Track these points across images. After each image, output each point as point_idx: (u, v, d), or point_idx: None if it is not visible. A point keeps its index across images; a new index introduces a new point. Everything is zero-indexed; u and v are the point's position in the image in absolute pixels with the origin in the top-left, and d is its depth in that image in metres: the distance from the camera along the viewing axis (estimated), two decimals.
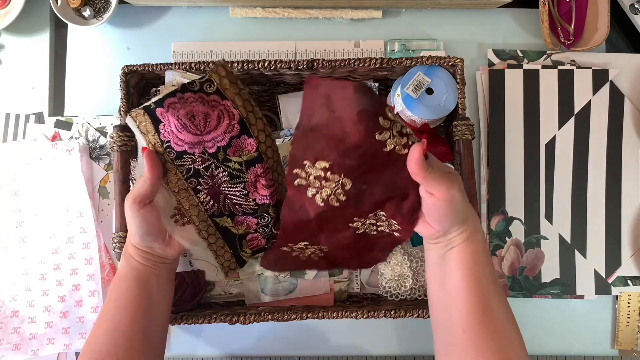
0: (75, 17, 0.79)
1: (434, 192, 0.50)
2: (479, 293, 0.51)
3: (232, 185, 0.58)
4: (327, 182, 0.52)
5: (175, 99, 0.53)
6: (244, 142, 0.56)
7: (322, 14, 0.80)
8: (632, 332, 0.77)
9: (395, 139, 0.50)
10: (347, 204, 0.54)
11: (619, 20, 0.83)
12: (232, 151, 0.56)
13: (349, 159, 0.50)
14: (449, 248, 0.53)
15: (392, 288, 0.72)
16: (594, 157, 0.78)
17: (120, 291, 0.58)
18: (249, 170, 0.58)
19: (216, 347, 0.77)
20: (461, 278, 0.52)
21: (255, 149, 0.57)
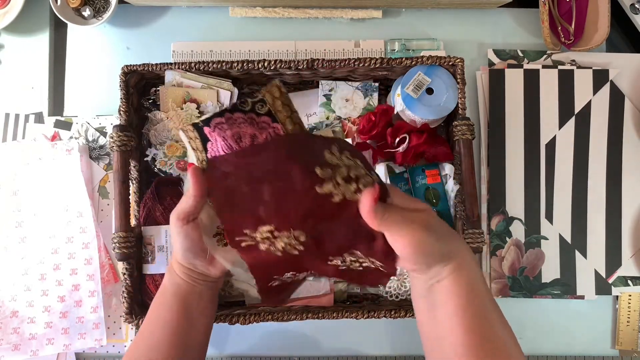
0: (75, 17, 0.79)
1: (397, 240, 0.44)
2: (478, 325, 0.45)
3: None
4: (276, 238, 0.47)
5: (223, 119, 0.50)
6: None
7: (322, 13, 0.80)
8: (633, 332, 0.77)
9: (341, 187, 0.45)
10: (309, 251, 0.48)
11: (619, 20, 0.82)
12: None
13: (293, 218, 0.46)
14: (436, 280, 0.47)
15: (392, 288, 0.72)
16: (594, 157, 0.78)
17: (160, 308, 0.57)
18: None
19: (216, 347, 0.77)
20: (454, 311, 0.46)
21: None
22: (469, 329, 0.45)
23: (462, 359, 0.45)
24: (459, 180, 0.69)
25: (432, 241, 0.45)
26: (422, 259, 0.46)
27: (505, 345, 0.46)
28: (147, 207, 0.68)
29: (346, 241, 0.48)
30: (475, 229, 0.65)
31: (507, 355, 0.45)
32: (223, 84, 0.72)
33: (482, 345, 0.45)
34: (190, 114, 0.70)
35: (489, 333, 0.46)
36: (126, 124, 0.67)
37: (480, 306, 0.46)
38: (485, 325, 0.46)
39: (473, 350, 0.45)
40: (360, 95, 0.74)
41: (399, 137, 0.70)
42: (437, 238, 0.45)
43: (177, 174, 0.71)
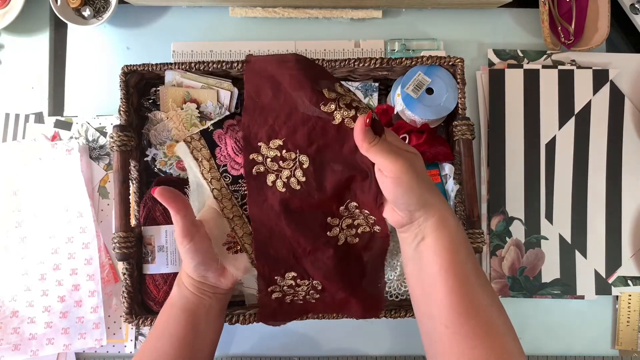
0: (75, 17, 0.79)
1: (382, 169, 0.47)
2: (459, 285, 0.46)
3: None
4: (284, 162, 0.51)
5: (234, 121, 0.52)
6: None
7: (322, 13, 0.80)
8: (633, 332, 0.77)
9: (342, 111, 0.48)
10: (309, 187, 0.52)
11: (619, 20, 0.82)
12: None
13: (300, 134, 0.50)
14: (420, 239, 0.49)
15: (392, 288, 0.72)
16: (594, 157, 0.78)
17: (167, 321, 0.56)
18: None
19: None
20: (437, 271, 0.47)
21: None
22: (451, 289, 0.46)
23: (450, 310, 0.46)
24: (459, 180, 0.69)
25: (412, 177, 0.46)
26: (399, 197, 0.47)
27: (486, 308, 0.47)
28: (147, 207, 0.68)
29: (343, 174, 0.51)
30: (475, 229, 0.65)
31: (488, 319, 0.46)
32: (223, 84, 0.72)
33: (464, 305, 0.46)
34: (190, 114, 0.70)
35: (470, 294, 0.47)
36: (126, 124, 0.67)
37: (462, 266, 0.47)
38: (467, 286, 0.47)
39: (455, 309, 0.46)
40: (360, 95, 0.74)
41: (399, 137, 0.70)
42: (418, 180, 0.47)
43: (177, 174, 0.71)
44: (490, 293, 0.48)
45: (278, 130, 0.50)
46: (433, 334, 0.48)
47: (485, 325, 0.46)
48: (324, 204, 0.53)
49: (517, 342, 0.47)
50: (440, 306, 0.47)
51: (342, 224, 0.54)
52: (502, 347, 0.45)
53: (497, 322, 0.47)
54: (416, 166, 0.48)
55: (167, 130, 0.71)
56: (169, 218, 0.67)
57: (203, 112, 0.71)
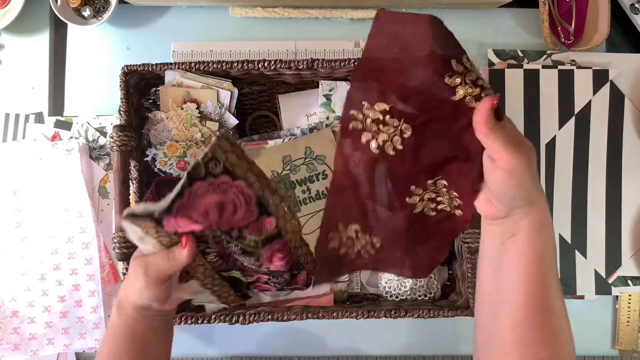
0: (75, 17, 0.79)
1: (496, 158, 0.43)
2: (539, 291, 0.44)
3: (244, 257, 0.52)
4: (385, 126, 0.47)
5: (184, 199, 0.46)
6: (263, 222, 0.50)
7: (322, 13, 0.80)
8: (633, 332, 0.77)
9: (467, 87, 0.44)
10: (404, 155, 0.48)
11: (619, 20, 0.82)
12: (249, 232, 0.50)
13: (411, 103, 0.46)
14: (511, 235, 0.46)
15: (392, 288, 0.72)
16: (594, 157, 0.78)
17: (114, 352, 0.53)
18: (265, 247, 0.51)
19: (216, 347, 0.77)
20: (520, 272, 0.45)
21: (275, 226, 0.50)
22: (529, 294, 0.45)
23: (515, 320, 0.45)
24: None
25: (525, 174, 0.43)
26: (509, 192, 0.44)
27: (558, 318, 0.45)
28: None
29: (443, 153, 0.48)
30: (475, 229, 0.65)
31: (557, 329, 0.45)
32: (223, 84, 0.72)
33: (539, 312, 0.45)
34: (190, 114, 0.70)
35: (547, 301, 0.45)
36: (126, 124, 0.67)
37: (546, 271, 0.45)
38: (545, 293, 0.45)
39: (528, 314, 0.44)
40: None
41: None
42: (531, 175, 0.44)
43: (177, 174, 0.71)
44: (563, 304, 0.47)
45: (388, 95, 0.46)
46: (494, 332, 0.47)
47: (554, 335, 0.45)
48: (413, 174, 0.50)
49: (574, 354, 0.47)
50: (514, 308, 0.45)
51: (424, 196, 0.51)
52: (562, 357, 0.45)
53: (565, 334, 0.46)
54: (532, 161, 0.44)
55: (167, 130, 0.71)
56: None
57: (203, 112, 0.71)
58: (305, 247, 0.56)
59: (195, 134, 0.70)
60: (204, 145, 0.71)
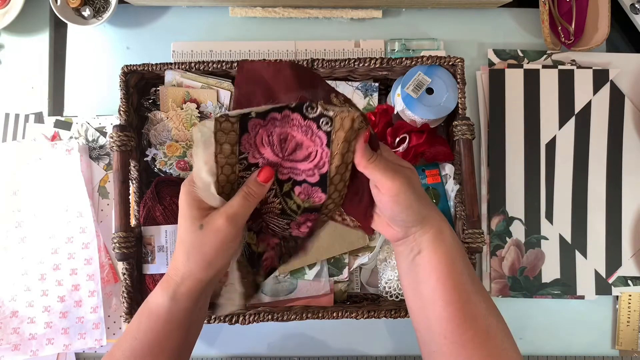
0: (74, 16, 0.79)
1: (379, 186, 0.47)
2: (457, 297, 0.47)
3: (278, 218, 0.53)
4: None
5: (280, 115, 0.48)
6: (315, 192, 0.51)
7: (322, 13, 0.80)
8: (633, 332, 0.77)
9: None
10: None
11: (619, 20, 0.82)
12: (298, 191, 0.51)
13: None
14: (417, 252, 0.49)
15: (392, 288, 0.72)
16: (594, 157, 0.78)
17: (158, 337, 0.49)
18: (303, 215, 0.53)
19: (216, 347, 0.77)
20: (435, 284, 0.48)
21: (322, 203, 0.52)
22: (449, 301, 0.47)
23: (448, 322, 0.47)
24: (459, 180, 0.69)
25: (410, 194, 0.47)
26: (397, 214, 0.48)
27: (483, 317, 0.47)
28: (147, 207, 0.68)
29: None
30: (475, 229, 0.65)
31: (485, 327, 0.47)
32: (223, 84, 0.71)
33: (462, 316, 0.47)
34: (190, 114, 0.70)
35: (468, 304, 0.47)
36: (126, 123, 0.67)
37: (459, 278, 0.48)
38: (464, 297, 0.47)
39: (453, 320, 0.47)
40: (360, 95, 0.74)
41: (399, 137, 0.70)
42: (416, 197, 0.47)
43: (177, 174, 0.71)
44: (487, 302, 0.49)
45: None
46: (432, 344, 0.49)
47: (484, 333, 0.47)
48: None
49: (514, 347, 0.48)
50: (439, 318, 0.47)
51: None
52: (500, 354, 0.46)
53: (495, 330, 0.47)
54: (413, 182, 0.48)
55: (167, 130, 0.71)
56: (169, 218, 0.67)
57: (203, 112, 0.71)
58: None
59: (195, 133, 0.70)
60: None
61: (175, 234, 0.66)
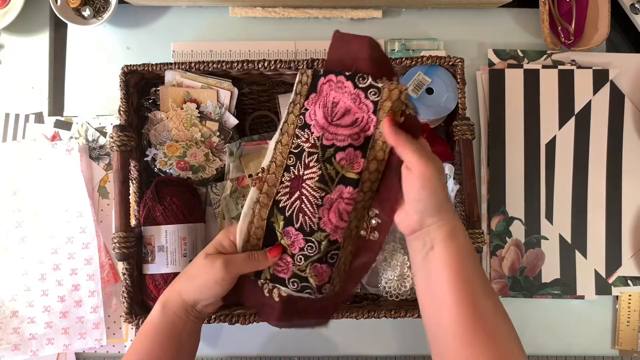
0: (75, 16, 0.79)
1: (412, 167, 0.49)
2: (466, 296, 0.48)
3: (315, 188, 0.55)
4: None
5: (336, 78, 0.54)
6: (356, 157, 0.54)
7: (322, 13, 0.80)
8: (633, 332, 0.77)
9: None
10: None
11: (619, 20, 0.82)
12: (340, 157, 0.54)
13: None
14: (430, 247, 0.50)
15: (392, 288, 0.72)
16: (594, 157, 0.78)
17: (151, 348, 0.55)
18: (338, 187, 0.54)
19: (216, 347, 0.77)
20: (446, 281, 0.49)
21: (359, 172, 0.54)
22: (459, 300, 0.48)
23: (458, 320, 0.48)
24: (459, 180, 0.69)
25: (437, 181, 0.49)
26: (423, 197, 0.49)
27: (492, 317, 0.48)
28: (147, 207, 0.68)
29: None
30: (475, 229, 0.65)
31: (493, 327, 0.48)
32: (223, 84, 0.72)
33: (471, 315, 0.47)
34: (190, 114, 0.70)
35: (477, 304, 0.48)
36: (126, 123, 0.67)
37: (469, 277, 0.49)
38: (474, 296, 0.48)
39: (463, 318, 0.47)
40: None
41: None
42: (442, 187, 0.50)
43: (177, 174, 0.71)
44: (495, 301, 0.50)
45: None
46: (441, 341, 0.50)
47: (491, 333, 0.47)
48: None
49: (520, 347, 0.49)
50: (449, 315, 0.48)
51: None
52: (506, 352, 0.47)
53: (502, 330, 0.48)
54: (443, 174, 0.50)
55: (167, 130, 0.71)
56: (169, 218, 0.67)
57: (203, 112, 0.71)
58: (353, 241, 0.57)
59: (195, 134, 0.70)
60: (204, 145, 0.71)
61: (175, 234, 0.67)
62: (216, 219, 0.72)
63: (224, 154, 0.72)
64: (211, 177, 0.72)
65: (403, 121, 0.52)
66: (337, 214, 0.54)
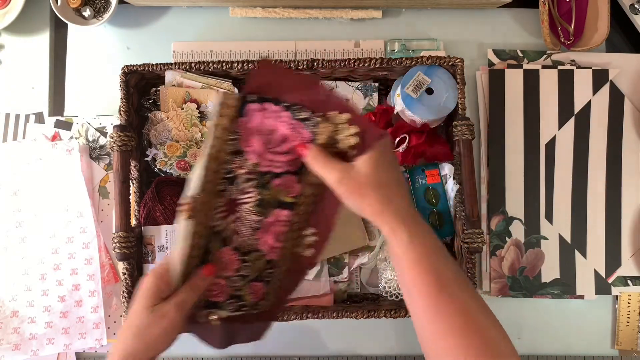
0: (75, 17, 0.79)
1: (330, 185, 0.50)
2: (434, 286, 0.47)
3: (252, 212, 0.55)
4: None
5: (274, 107, 0.52)
6: (292, 183, 0.55)
7: (322, 14, 0.80)
8: (632, 332, 0.77)
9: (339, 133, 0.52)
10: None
11: (619, 20, 0.83)
12: (277, 182, 0.54)
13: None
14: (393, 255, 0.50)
15: (392, 288, 0.72)
16: (594, 157, 0.78)
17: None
18: (275, 211, 0.55)
19: None
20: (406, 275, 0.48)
21: (295, 197, 0.55)
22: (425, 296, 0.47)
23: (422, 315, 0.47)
24: (459, 180, 0.70)
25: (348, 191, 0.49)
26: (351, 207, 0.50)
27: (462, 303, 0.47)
28: (147, 207, 0.68)
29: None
30: (475, 229, 0.65)
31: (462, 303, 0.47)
32: (223, 84, 0.72)
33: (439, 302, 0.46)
34: (190, 114, 0.70)
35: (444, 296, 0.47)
36: (126, 124, 0.67)
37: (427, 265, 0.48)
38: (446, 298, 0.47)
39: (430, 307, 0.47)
40: (360, 95, 0.74)
41: (399, 137, 0.70)
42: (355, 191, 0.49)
43: (178, 174, 0.71)
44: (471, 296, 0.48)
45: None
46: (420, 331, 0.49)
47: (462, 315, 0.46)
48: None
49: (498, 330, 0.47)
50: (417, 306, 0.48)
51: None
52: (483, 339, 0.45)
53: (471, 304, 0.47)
54: (349, 180, 0.49)
55: (167, 131, 0.71)
56: (169, 218, 0.67)
57: (203, 112, 0.71)
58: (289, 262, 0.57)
59: (195, 134, 0.70)
60: None
61: (176, 234, 0.67)
62: None
63: None
64: None
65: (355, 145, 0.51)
66: (273, 236, 0.56)
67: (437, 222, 0.72)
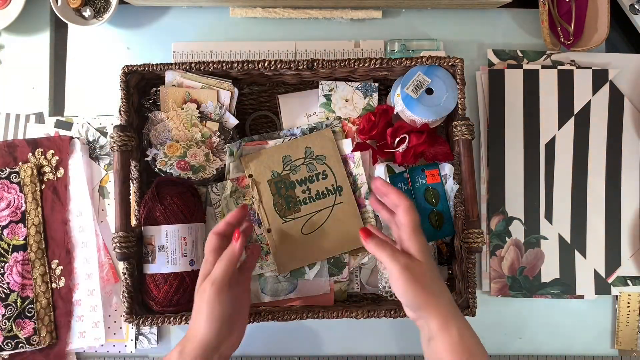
0: (75, 17, 0.79)
1: (388, 272, 0.55)
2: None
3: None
4: None
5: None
6: (18, 229, 0.71)
7: (322, 14, 0.80)
8: (632, 332, 0.77)
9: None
10: None
11: (619, 20, 0.83)
12: (6, 232, 0.71)
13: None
14: (429, 337, 0.54)
15: None
16: (593, 157, 0.79)
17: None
18: (13, 255, 0.71)
19: None
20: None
21: (24, 238, 0.70)
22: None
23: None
24: (459, 180, 0.70)
25: (408, 283, 0.53)
26: (402, 294, 0.54)
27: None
28: (147, 207, 0.68)
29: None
30: (475, 229, 0.65)
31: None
32: (223, 84, 0.72)
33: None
34: (191, 114, 0.71)
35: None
36: (126, 124, 0.67)
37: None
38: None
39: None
40: (360, 95, 0.74)
41: (399, 137, 0.70)
42: (414, 284, 0.53)
43: (178, 174, 0.71)
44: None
45: None
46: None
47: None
48: None
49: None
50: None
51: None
52: None
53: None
54: (411, 269, 0.54)
55: (167, 131, 0.71)
56: (169, 218, 0.67)
57: (203, 112, 0.71)
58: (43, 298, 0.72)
59: (195, 134, 0.71)
60: (204, 145, 0.71)
61: (176, 234, 0.67)
62: (216, 219, 0.72)
63: (224, 154, 0.72)
64: (211, 177, 0.72)
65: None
66: (19, 275, 0.70)
67: (437, 222, 0.72)
